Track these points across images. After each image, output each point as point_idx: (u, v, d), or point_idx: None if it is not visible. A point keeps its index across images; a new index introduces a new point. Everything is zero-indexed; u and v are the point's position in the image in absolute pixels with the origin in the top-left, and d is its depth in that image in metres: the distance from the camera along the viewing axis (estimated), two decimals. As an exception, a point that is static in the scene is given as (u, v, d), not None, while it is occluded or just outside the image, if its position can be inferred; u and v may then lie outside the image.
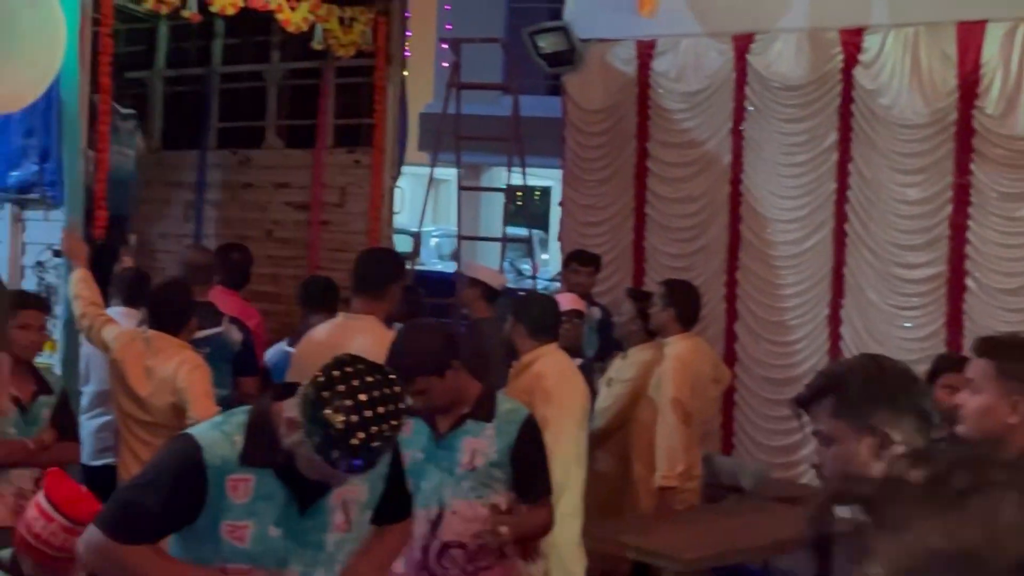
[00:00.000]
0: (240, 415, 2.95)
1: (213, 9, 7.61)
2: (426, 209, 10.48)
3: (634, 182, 9.04)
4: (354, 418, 2.67)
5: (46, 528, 3.24)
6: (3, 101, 5.18)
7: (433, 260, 19.75)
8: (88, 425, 6.00)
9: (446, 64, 11.29)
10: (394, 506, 3.21)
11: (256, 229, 9.29)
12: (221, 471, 2.84)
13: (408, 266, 7.42)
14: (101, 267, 6.28)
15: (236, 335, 6.14)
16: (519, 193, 11.68)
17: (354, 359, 2.79)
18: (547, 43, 9.15)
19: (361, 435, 2.67)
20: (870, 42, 7.99)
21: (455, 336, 4.20)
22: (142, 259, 8.37)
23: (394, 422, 2.73)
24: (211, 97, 9.78)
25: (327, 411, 2.68)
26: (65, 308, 5.77)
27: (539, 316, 5.31)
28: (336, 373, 2.72)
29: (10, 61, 4.97)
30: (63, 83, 5.40)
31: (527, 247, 12.27)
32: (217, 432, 2.90)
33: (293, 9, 8.01)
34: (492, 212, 18.96)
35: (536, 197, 23.76)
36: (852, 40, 8.05)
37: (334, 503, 2.98)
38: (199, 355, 5.39)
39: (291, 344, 5.94)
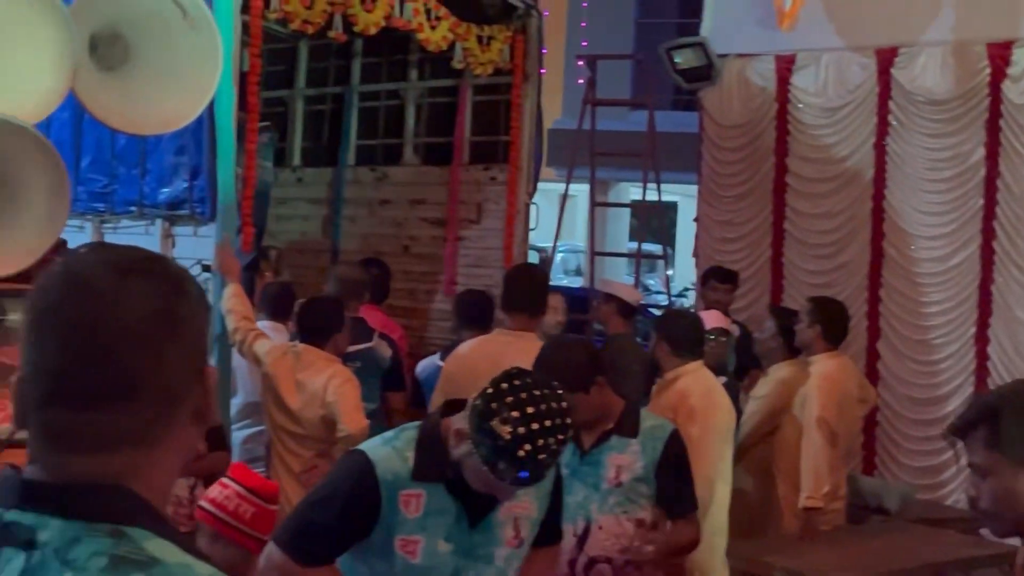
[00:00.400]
0: (410, 431, 3.00)
1: (357, 29, 7.76)
2: (560, 225, 10.51)
3: (772, 197, 8.95)
4: (521, 430, 2.69)
5: (221, 493, 3.41)
6: (164, 121, 5.34)
7: (559, 276, 19.78)
8: (236, 436, 6.13)
9: (581, 80, 11.31)
10: (549, 528, 3.21)
11: (393, 245, 9.43)
12: (394, 486, 2.88)
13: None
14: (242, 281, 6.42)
15: (386, 350, 6.22)
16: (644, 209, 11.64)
17: (522, 373, 2.82)
18: (684, 59, 9.12)
19: (527, 447, 2.69)
20: (1019, 56, 7.80)
21: (599, 352, 4.21)
22: (281, 274, 8.52)
23: (560, 436, 2.74)
24: (350, 115, 9.95)
25: (494, 422, 2.70)
26: (217, 322, 5.90)
27: (683, 333, 5.29)
28: (504, 385, 2.75)
29: (172, 82, 5.13)
30: (217, 103, 5.54)
31: (652, 262, 12.19)
32: (388, 448, 2.94)
33: (433, 28, 8.12)
34: (616, 227, 18.93)
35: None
36: (1000, 54, 7.86)
37: (503, 518, 3.00)
38: (348, 369, 5.48)
39: (443, 358, 5.99)
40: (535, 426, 2.70)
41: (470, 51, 8.47)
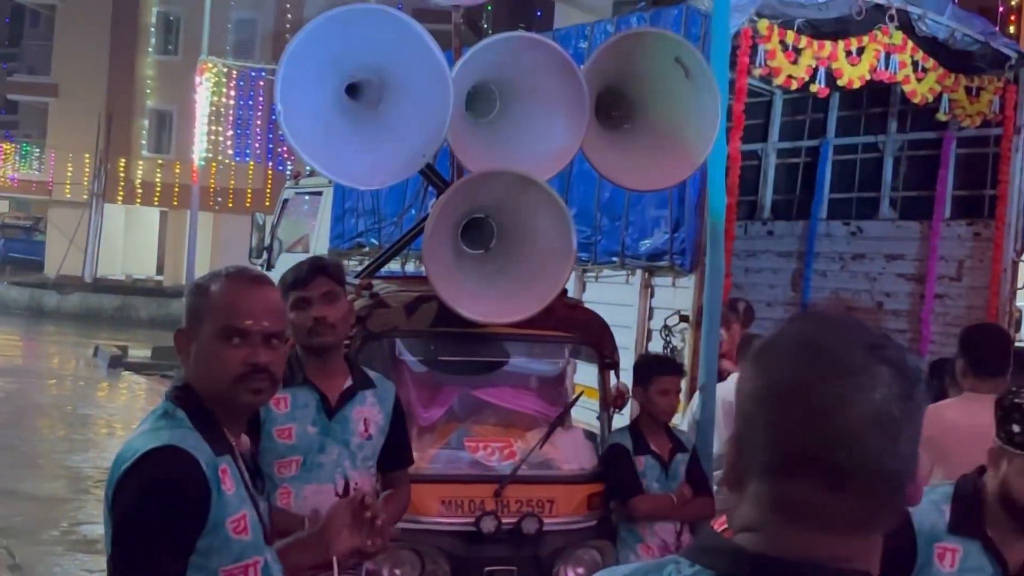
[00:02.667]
0: (945, 486, 2.94)
1: (840, 83, 7.72)
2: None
3: None
4: None
5: None
6: (665, 176, 5.52)
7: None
8: (712, 484, 6.19)
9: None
10: None
11: (865, 300, 9.25)
12: (930, 537, 2.83)
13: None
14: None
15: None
16: None
17: None
18: None
19: None
20: None
21: None
22: (749, 327, 8.54)
23: None
24: (824, 167, 9.87)
25: None
26: (703, 374, 6.00)
27: None
28: None
29: (673, 139, 5.30)
30: (710, 158, 5.65)
31: None
32: (925, 500, 2.89)
33: (920, 80, 7.95)
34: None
35: None
36: None
37: None
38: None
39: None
40: None
41: (957, 102, 8.21)
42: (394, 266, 8.03)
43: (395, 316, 5.13)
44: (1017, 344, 10.21)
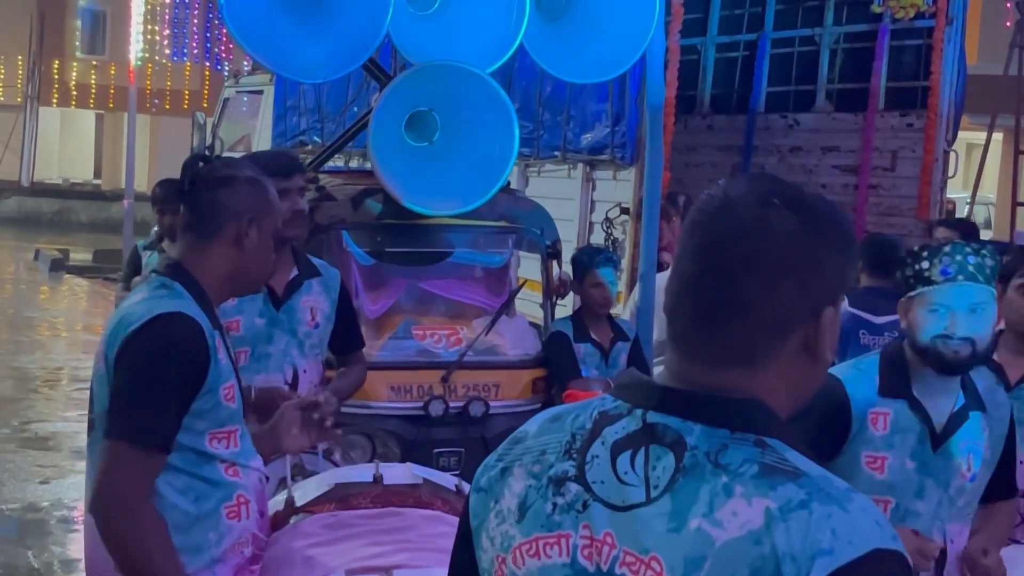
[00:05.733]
0: (871, 356, 3.11)
1: (778, -25, 7.81)
2: (981, 175, 10.12)
3: None
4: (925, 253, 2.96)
5: None
6: (603, 67, 5.60)
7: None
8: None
9: (1008, 24, 10.79)
10: (1000, 481, 3.18)
11: (802, 192, 9.40)
12: (863, 405, 3.00)
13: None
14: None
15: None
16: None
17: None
18: None
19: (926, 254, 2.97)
20: None
21: None
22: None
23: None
24: (762, 61, 9.96)
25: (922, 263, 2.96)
26: (642, 261, 6.15)
27: None
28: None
29: (611, 30, 5.37)
30: (648, 51, 5.73)
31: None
32: (854, 370, 3.07)
33: (856, -28, 8.04)
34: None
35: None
36: None
37: (962, 446, 3.03)
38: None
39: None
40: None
41: (892, -6, 8.32)
42: (337, 163, 8.11)
43: (341, 208, 5.21)
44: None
